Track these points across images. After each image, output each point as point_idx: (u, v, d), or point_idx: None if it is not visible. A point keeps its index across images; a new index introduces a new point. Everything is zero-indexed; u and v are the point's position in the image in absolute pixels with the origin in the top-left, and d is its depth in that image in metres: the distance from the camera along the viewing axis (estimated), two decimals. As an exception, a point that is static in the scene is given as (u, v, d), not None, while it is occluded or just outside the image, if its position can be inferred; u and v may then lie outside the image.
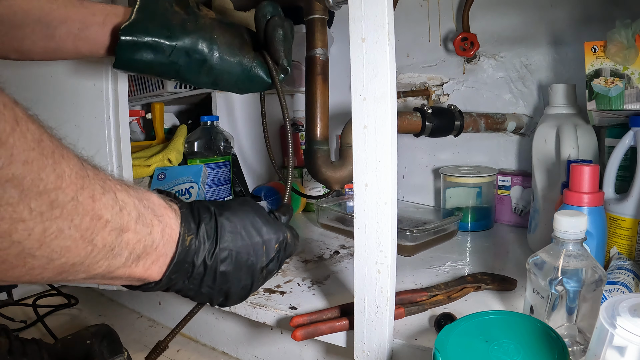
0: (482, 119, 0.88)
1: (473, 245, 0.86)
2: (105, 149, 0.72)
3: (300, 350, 0.71)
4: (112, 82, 0.71)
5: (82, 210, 0.27)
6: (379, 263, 0.47)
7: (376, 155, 0.45)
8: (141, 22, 0.46)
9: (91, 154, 0.31)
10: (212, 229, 0.38)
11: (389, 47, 0.43)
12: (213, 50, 0.50)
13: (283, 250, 0.43)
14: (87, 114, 0.74)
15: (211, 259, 0.37)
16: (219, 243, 0.38)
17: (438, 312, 0.56)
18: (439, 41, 1.03)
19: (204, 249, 0.37)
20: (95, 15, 0.46)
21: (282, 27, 0.52)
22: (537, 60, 0.91)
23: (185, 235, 0.36)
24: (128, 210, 0.31)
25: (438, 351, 0.39)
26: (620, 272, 0.55)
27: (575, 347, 0.45)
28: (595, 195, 0.53)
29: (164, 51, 0.47)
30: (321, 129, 0.74)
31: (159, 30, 0.47)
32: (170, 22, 0.47)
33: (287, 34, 0.53)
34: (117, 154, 0.72)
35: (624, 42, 0.58)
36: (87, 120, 0.74)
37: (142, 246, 0.33)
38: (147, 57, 0.47)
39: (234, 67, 0.52)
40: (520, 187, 0.94)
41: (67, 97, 0.75)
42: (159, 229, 0.34)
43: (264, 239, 0.41)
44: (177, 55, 0.48)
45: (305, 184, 1.14)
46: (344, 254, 0.82)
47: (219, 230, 0.38)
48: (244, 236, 0.40)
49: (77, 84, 0.74)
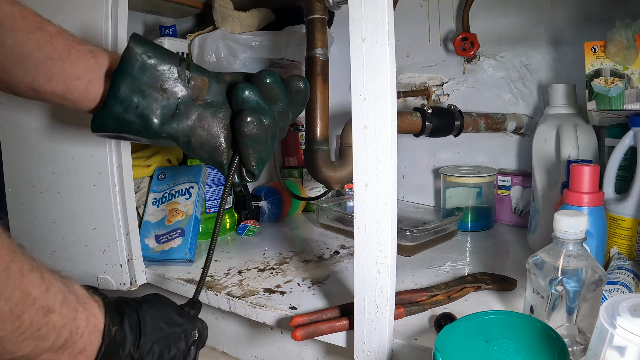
0: (482, 119, 0.88)
1: (473, 245, 0.86)
2: (105, 148, 0.72)
3: (300, 350, 0.71)
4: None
5: (13, 283, 0.28)
6: (379, 263, 0.47)
7: (376, 155, 0.45)
8: (111, 113, 0.42)
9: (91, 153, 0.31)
10: (134, 322, 0.38)
11: (389, 47, 0.43)
12: (187, 147, 0.44)
13: (198, 339, 0.44)
14: (87, 113, 0.73)
15: (136, 351, 0.37)
16: (142, 335, 0.38)
17: (438, 312, 0.56)
18: (439, 41, 1.03)
19: (128, 341, 0.37)
20: (79, 79, 0.42)
21: (254, 123, 0.42)
22: (537, 60, 0.91)
23: (110, 325, 0.36)
24: (54, 292, 0.31)
25: (438, 351, 0.39)
26: (620, 272, 0.55)
27: (575, 347, 0.45)
28: (595, 195, 0.53)
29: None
30: (321, 129, 0.74)
31: (129, 125, 0.42)
32: (144, 114, 0.42)
33: (261, 132, 0.43)
34: (117, 153, 0.72)
35: (624, 42, 0.58)
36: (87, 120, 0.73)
37: (68, 331, 0.32)
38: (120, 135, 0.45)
39: (206, 160, 0.46)
40: (520, 187, 0.94)
41: (67, 97, 0.75)
42: (83, 316, 0.34)
43: (182, 329, 0.42)
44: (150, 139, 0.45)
45: (305, 184, 1.14)
46: (344, 254, 0.82)
47: (141, 322, 0.38)
48: (163, 328, 0.40)
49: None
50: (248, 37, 1.02)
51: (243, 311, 0.64)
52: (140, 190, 0.89)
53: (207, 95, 0.44)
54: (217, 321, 0.79)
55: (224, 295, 0.66)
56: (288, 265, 0.77)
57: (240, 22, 1.02)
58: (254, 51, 1.03)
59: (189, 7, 1.24)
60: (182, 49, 1.04)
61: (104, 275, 0.73)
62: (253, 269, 0.76)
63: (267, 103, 0.44)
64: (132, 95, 0.41)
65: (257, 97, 0.43)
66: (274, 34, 1.05)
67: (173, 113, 0.43)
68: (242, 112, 0.42)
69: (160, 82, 0.42)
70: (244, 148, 0.44)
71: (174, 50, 1.03)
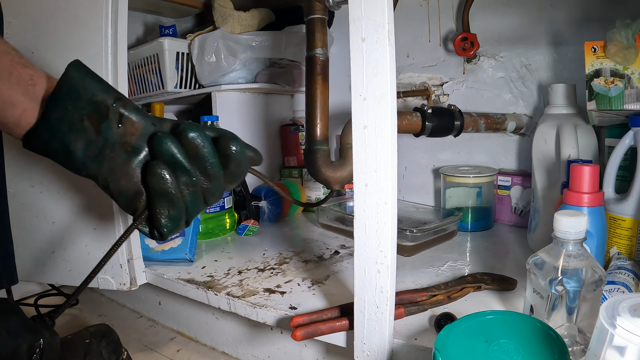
0: (482, 119, 0.88)
1: (473, 245, 0.86)
2: (105, 149, 0.72)
3: (300, 350, 0.71)
4: (112, 82, 0.71)
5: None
6: (379, 263, 0.47)
7: (376, 155, 0.45)
8: (39, 136, 0.40)
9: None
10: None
11: (389, 47, 0.43)
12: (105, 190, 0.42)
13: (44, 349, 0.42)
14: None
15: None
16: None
17: (438, 312, 0.56)
18: (439, 41, 1.03)
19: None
20: (14, 106, 0.40)
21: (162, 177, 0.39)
22: (537, 60, 0.91)
23: None
24: None
25: (438, 351, 0.39)
26: (620, 272, 0.55)
27: (575, 347, 0.45)
28: (595, 195, 0.53)
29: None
30: (321, 129, 0.74)
31: (54, 153, 0.41)
32: (68, 147, 0.40)
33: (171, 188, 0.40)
34: (117, 154, 0.72)
35: (624, 42, 0.58)
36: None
37: None
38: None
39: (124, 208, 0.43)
40: (520, 187, 0.94)
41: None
42: None
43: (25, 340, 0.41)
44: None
45: (305, 184, 1.14)
46: (344, 254, 0.82)
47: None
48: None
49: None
50: (248, 37, 1.02)
51: (243, 311, 0.64)
52: (140, 190, 0.89)
53: (137, 141, 0.40)
54: (217, 321, 0.79)
55: (224, 295, 0.66)
56: (288, 265, 0.77)
57: (240, 22, 1.02)
58: (254, 51, 1.03)
59: (189, 7, 1.24)
60: (182, 49, 1.04)
61: (104, 275, 0.73)
62: (253, 269, 0.76)
63: (187, 159, 0.40)
64: (61, 124, 0.39)
65: (173, 151, 0.40)
66: (274, 34, 1.05)
67: (97, 153, 0.40)
68: (151, 163, 0.39)
69: (90, 117, 0.40)
70: (151, 202, 0.40)
71: (174, 50, 1.03)
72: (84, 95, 0.39)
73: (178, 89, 1.06)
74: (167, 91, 1.05)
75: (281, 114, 1.24)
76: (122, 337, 0.70)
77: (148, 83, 1.09)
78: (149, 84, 1.09)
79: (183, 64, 1.05)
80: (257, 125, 1.16)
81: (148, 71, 1.08)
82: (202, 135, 0.40)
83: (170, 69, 1.03)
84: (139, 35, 1.31)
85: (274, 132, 1.22)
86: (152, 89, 1.08)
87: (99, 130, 0.40)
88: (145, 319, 0.92)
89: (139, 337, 0.84)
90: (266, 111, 1.18)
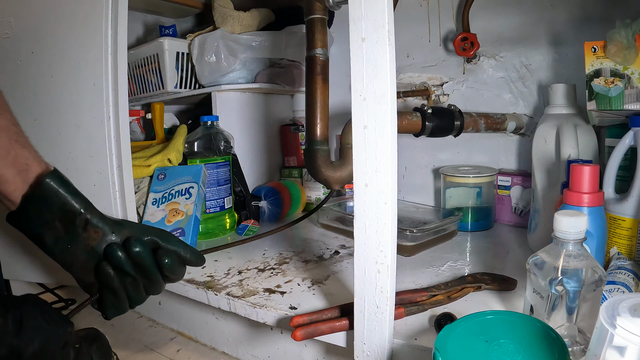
0: (482, 119, 0.88)
1: (473, 245, 0.86)
2: (105, 149, 0.72)
3: (300, 350, 0.71)
4: (112, 82, 0.71)
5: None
6: (379, 263, 0.47)
7: (376, 155, 0.45)
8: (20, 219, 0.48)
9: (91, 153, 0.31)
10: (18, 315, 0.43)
11: (389, 47, 0.43)
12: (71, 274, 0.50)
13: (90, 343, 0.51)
14: (87, 114, 0.74)
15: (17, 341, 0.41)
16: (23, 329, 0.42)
17: (438, 312, 0.56)
18: (439, 41, 1.03)
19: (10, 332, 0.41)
20: (7, 183, 0.46)
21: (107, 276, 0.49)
22: (537, 60, 0.91)
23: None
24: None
25: (438, 351, 0.39)
26: (620, 272, 0.55)
27: (575, 347, 0.45)
28: (595, 195, 0.53)
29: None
30: (321, 129, 0.74)
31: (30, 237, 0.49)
32: (42, 238, 0.48)
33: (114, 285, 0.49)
34: (117, 154, 0.72)
35: (624, 42, 0.58)
36: (87, 120, 0.74)
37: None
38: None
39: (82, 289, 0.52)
40: (520, 187, 0.94)
41: (67, 97, 0.75)
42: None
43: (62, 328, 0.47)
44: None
45: (305, 184, 1.14)
46: (344, 254, 0.82)
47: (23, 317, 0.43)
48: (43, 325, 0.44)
49: (77, 84, 0.74)
50: (248, 37, 1.02)
51: (243, 311, 0.64)
52: (140, 190, 0.89)
53: (97, 245, 0.49)
54: (217, 321, 0.79)
55: (224, 295, 0.66)
56: (288, 265, 0.77)
57: (240, 22, 1.02)
58: (254, 51, 1.04)
59: (189, 7, 1.24)
60: (182, 49, 1.04)
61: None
62: (253, 269, 0.76)
63: (131, 266, 0.49)
64: (37, 218, 0.47)
65: (121, 261, 0.48)
66: (274, 34, 1.05)
67: (64, 248, 0.48)
68: (101, 264, 0.48)
69: (61, 220, 0.47)
70: (100, 292, 0.50)
71: (174, 50, 1.03)
72: (56, 202, 0.47)
73: (178, 89, 1.06)
74: (167, 91, 1.05)
75: (281, 114, 1.24)
76: (122, 337, 0.70)
77: (148, 83, 1.09)
78: (149, 84, 1.09)
79: (183, 64, 1.05)
80: (257, 125, 1.16)
81: (148, 71, 1.08)
82: (144, 250, 0.49)
83: (170, 69, 1.03)
84: (139, 35, 1.31)
85: (274, 132, 1.22)
86: (152, 89, 1.08)
87: (68, 231, 0.48)
88: (145, 318, 0.92)
89: (139, 337, 0.84)
90: (266, 111, 1.18)
